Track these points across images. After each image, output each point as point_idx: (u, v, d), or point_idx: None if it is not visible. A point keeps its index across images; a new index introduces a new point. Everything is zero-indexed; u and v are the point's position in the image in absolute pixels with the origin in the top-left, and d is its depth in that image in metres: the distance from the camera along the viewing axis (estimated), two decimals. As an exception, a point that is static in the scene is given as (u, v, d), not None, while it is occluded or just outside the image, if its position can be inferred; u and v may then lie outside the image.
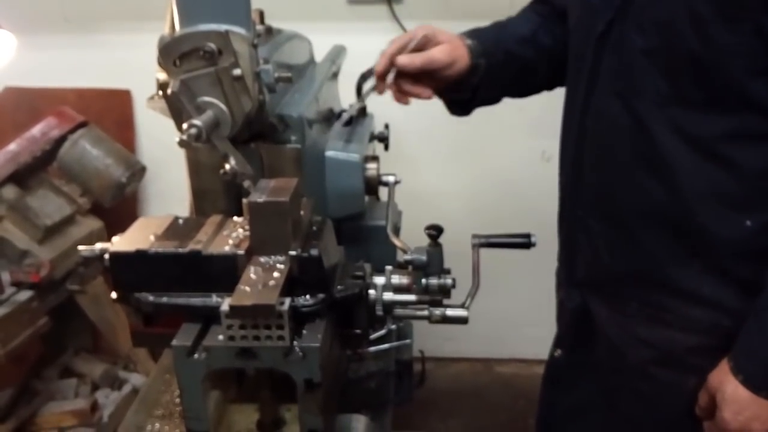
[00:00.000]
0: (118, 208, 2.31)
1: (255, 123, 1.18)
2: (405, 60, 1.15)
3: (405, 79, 1.18)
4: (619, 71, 1.08)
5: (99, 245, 1.10)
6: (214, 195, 1.30)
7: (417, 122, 2.40)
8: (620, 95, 1.08)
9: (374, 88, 1.22)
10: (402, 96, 1.21)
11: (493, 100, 1.34)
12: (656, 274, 1.13)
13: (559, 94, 1.59)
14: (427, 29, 1.19)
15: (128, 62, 2.28)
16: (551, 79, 1.36)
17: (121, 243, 1.09)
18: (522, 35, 1.29)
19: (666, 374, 1.13)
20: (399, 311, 1.17)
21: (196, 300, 1.04)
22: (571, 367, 1.35)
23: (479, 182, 2.49)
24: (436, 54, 1.16)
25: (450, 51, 1.18)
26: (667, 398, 1.18)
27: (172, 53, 1.08)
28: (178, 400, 1.25)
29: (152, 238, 1.08)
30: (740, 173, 1.02)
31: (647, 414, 1.21)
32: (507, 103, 1.50)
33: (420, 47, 1.17)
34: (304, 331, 1.02)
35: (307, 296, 1.04)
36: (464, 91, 1.26)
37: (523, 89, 1.39)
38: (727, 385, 1.04)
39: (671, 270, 1.11)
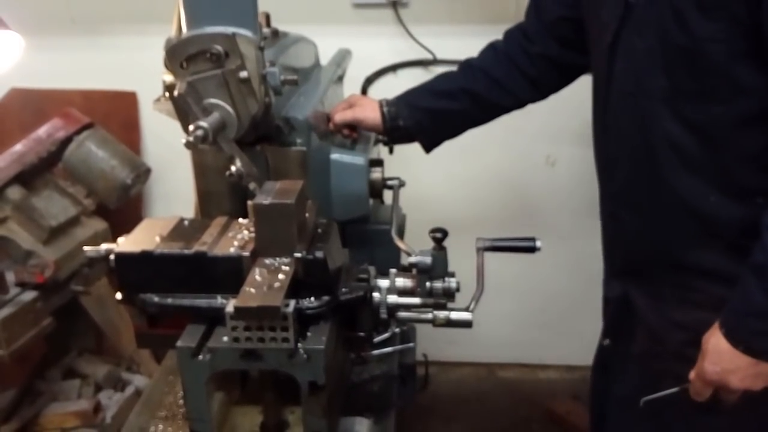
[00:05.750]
0: (123, 209, 2.31)
1: (261, 125, 1.18)
2: (337, 119, 1.52)
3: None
4: (628, 73, 1.19)
5: (104, 246, 1.10)
6: (220, 197, 1.30)
7: (422, 126, 2.40)
8: (631, 94, 1.19)
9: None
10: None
11: (450, 136, 1.58)
12: (682, 256, 1.22)
13: (563, 99, 1.60)
14: (353, 98, 1.57)
15: (134, 64, 2.29)
16: (514, 102, 1.52)
17: (126, 244, 1.09)
18: (440, 90, 1.51)
19: None
20: (403, 314, 1.17)
21: (201, 301, 1.05)
22: (618, 356, 1.42)
23: (484, 186, 2.48)
24: (347, 115, 1.52)
25: (355, 114, 1.51)
26: None
27: (178, 55, 1.08)
28: (181, 402, 1.25)
29: (158, 239, 1.09)
30: (745, 155, 1.11)
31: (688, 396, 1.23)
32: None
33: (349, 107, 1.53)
34: (309, 333, 1.03)
35: (312, 298, 1.04)
36: (403, 140, 1.56)
37: (478, 121, 1.56)
38: (711, 337, 1.12)
39: (695, 251, 1.20)
